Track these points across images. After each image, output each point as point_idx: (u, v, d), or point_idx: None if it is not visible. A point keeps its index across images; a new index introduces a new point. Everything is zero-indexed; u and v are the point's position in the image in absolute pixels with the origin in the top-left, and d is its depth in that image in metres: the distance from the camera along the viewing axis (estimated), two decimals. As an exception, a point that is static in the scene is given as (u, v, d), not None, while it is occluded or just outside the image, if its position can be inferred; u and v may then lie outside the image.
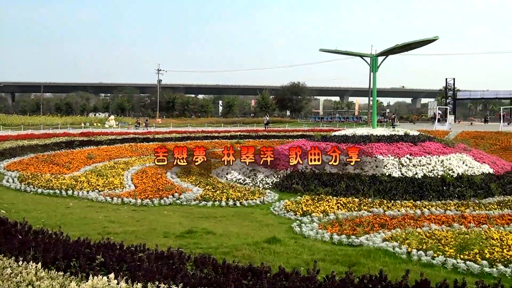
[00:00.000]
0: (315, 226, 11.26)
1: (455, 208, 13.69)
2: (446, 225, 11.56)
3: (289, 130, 43.37)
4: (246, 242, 9.04)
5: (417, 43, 23.39)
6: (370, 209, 13.35)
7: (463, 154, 18.94)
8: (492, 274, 7.78)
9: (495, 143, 33.65)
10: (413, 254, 8.77)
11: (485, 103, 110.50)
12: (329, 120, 76.19)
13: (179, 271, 4.89)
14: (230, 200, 14.69)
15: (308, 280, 4.77)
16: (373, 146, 19.07)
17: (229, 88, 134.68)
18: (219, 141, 36.45)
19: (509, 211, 13.37)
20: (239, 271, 5.04)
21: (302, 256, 8.12)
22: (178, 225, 10.96)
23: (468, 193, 15.68)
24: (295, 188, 16.69)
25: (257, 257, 7.60)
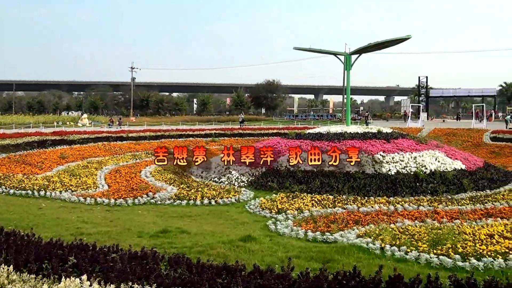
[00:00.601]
0: (290, 223, 11.32)
1: (428, 204, 13.91)
2: (419, 220, 11.72)
3: (264, 128, 43.44)
4: (221, 240, 9.02)
5: (390, 41, 23.65)
6: (345, 206, 13.47)
7: (435, 151, 19.24)
8: (465, 268, 7.91)
9: (467, 140, 34.31)
10: (386, 250, 8.87)
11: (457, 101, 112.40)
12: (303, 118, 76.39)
13: (153, 271, 4.86)
14: (205, 199, 14.63)
15: (282, 278, 4.79)
16: (346, 143, 19.22)
17: (204, 86, 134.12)
18: (193, 139, 36.36)
19: (481, 206, 13.62)
20: (214, 270, 5.04)
21: (277, 254, 8.15)
22: (152, 224, 10.88)
23: (440, 189, 15.92)
24: (271, 186, 16.74)
25: (232, 256, 7.59)
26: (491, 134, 35.01)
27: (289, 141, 20.89)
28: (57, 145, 27.50)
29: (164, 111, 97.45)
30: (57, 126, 46.44)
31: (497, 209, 13.24)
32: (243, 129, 42.22)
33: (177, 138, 35.95)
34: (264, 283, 4.64)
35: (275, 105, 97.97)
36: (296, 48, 26.01)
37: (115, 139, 32.53)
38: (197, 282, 4.55)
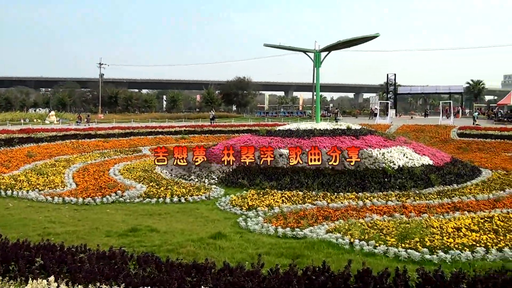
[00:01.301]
0: (260, 220, 11.35)
1: (396, 199, 14.13)
2: (387, 215, 11.91)
3: (235, 125, 43.40)
4: (191, 238, 9.00)
5: (359, 39, 23.92)
6: (314, 201, 13.57)
7: (403, 147, 19.52)
8: (433, 261, 8.09)
9: (434, 136, 34.98)
10: (355, 244, 9.00)
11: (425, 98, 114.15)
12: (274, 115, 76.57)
13: (121, 271, 4.82)
14: (175, 197, 14.53)
15: (252, 274, 4.80)
16: (316, 140, 19.37)
17: (173, 82, 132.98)
18: (163, 136, 36.10)
19: (448, 200, 13.92)
20: (183, 268, 5.02)
21: (247, 251, 8.17)
22: (121, 223, 10.78)
23: (408, 184, 16.15)
24: (241, 183, 16.73)
25: (202, 254, 7.58)
26: (458, 130, 35.75)
27: (260, 138, 20.91)
28: (24, 143, 26.86)
29: (133, 108, 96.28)
30: (24, 124, 45.33)
31: (464, 203, 13.56)
32: (213, 126, 42.08)
33: (146, 136, 35.60)
34: (234, 280, 4.64)
35: (246, 102, 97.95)
36: (266, 45, 26.06)
37: (83, 136, 31.99)
38: (166, 281, 4.52)
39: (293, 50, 26.73)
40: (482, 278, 4.90)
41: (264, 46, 26.32)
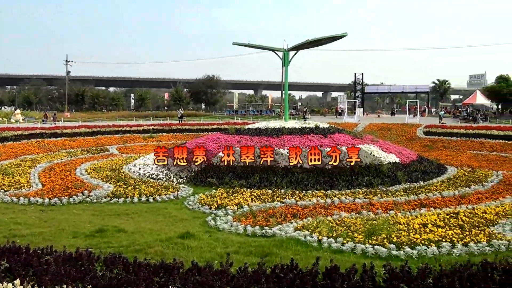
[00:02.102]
0: (230, 219, 11.36)
1: (364, 196, 14.35)
2: (355, 212, 12.10)
3: (203, 123, 43.19)
4: (159, 238, 8.93)
5: (327, 39, 24.13)
6: (283, 200, 13.65)
7: (370, 145, 19.77)
8: (400, 256, 8.25)
9: (401, 134, 35.56)
10: (323, 242, 9.09)
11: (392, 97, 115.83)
12: (243, 113, 76.44)
13: (88, 273, 4.74)
14: (142, 196, 14.39)
15: (221, 274, 4.79)
16: (285, 138, 19.47)
17: (141, 81, 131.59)
18: (131, 135, 35.71)
19: (415, 197, 14.24)
20: (151, 268, 4.97)
21: (216, 250, 8.16)
22: (88, 224, 10.62)
23: (376, 181, 16.40)
24: (210, 181, 16.69)
25: (170, 253, 7.53)
26: (424, 129, 36.44)
27: (229, 136, 20.89)
28: (-12, 143, 26.26)
29: (100, 106, 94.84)
30: (-12, 123, 44.25)
31: (430, 199, 13.88)
32: (182, 125, 41.76)
33: (114, 134, 35.16)
34: (202, 279, 4.62)
35: (215, 100, 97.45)
36: (235, 43, 26.00)
37: (50, 135, 31.42)
38: (133, 282, 4.47)
39: (261, 48, 26.72)
40: (448, 272, 5.00)
41: (233, 44, 26.27)
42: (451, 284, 4.66)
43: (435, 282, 4.73)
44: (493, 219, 11.27)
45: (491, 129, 33.02)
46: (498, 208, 12.42)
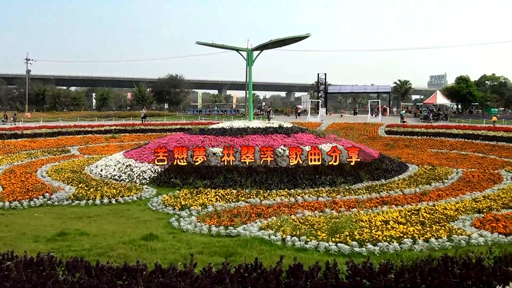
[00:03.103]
0: (194, 219, 11.31)
1: (327, 195, 14.52)
2: (318, 211, 12.25)
3: (167, 123, 42.80)
4: (122, 240, 8.83)
5: (291, 39, 24.28)
6: (248, 199, 13.68)
7: (333, 144, 19.97)
8: (362, 253, 8.42)
9: (363, 133, 36.13)
10: (287, 240, 9.17)
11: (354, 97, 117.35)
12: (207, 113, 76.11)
13: (50, 278, 4.66)
14: (105, 198, 14.16)
15: (185, 275, 4.78)
16: (249, 138, 19.51)
17: (103, 80, 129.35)
18: (92, 136, 35.10)
19: (377, 195, 14.51)
20: (114, 272, 4.93)
21: (180, 251, 8.12)
22: (49, 227, 10.41)
23: (338, 180, 16.62)
24: (174, 182, 16.55)
25: (133, 256, 7.45)
26: (386, 128, 37.13)
27: (193, 136, 20.78)
28: None
29: (62, 106, 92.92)
30: None
31: (392, 197, 14.17)
32: (145, 125, 41.29)
33: (75, 135, 34.47)
34: (166, 281, 4.60)
35: (179, 100, 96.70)
36: (198, 42, 25.85)
37: (9, 136, 30.61)
38: (96, 286, 4.43)
39: (225, 48, 26.65)
40: (409, 267, 5.13)
41: (196, 44, 26.12)
42: (412, 279, 4.77)
43: (396, 277, 4.84)
44: (453, 215, 11.60)
45: (451, 128, 33.92)
46: (458, 204, 12.81)
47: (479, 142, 29.43)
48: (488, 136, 29.97)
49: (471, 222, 10.96)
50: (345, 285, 4.70)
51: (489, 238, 9.54)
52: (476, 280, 4.82)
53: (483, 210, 12.25)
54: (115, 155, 21.28)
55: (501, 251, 6.28)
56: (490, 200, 13.53)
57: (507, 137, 28.72)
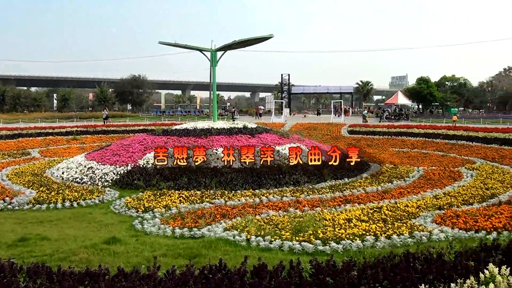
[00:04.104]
0: (157, 221, 11.20)
1: (291, 194, 14.62)
2: (283, 210, 12.32)
3: (130, 124, 42.28)
4: (84, 245, 8.70)
5: (254, 39, 24.37)
6: (212, 200, 13.65)
7: (297, 144, 20.15)
8: (326, 251, 8.53)
9: (326, 133, 36.51)
10: (252, 241, 9.21)
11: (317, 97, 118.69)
12: (171, 114, 75.67)
13: (11, 285, 4.55)
14: (66, 201, 13.85)
15: (148, 278, 4.74)
16: (213, 138, 19.48)
17: (65, 80, 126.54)
18: (53, 137, 34.31)
19: (340, 194, 14.70)
20: (76, 277, 4.86)
21: (143, 254, 8.05)
22: (10, 233, 10.13)
23: (302, 179, 16.75)
24: (137, 184, 16.34)
25: (96, 260, 7.36)
26: (348, 128, 37.64)
27: (156, 137, 20.63)
28: None
29: (22, 107, 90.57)
30: None
31: (355, 195, 14.38)
32: (107, 126, 40.61)
33: (36, 137, 33.61)
34: (129, 285, 4.56)
35: (141, 100, 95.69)
36: (161, 42, 25.65)
37: (-34, 139, 29.70)
38: (57, 291, 4.35)
39: (189, 48, 26.54)
40: (372, 264, 5.21)
41: (159, 43, 25.93)
42: (375, 275, 4.85)
43: (359, 274, 4.91)
44: (414, 212, 11.86)
45: (412, 128, 34.63)
46: (419, 202, 13.09)
47: (439, 141, 30.09)
48: (448, 135, 30.70)
49: (432, 219, 11.22)
50: (308, 283, 4.75)
51: (450, 234, 9.81)
52: (438, 275, 4.94)
53: (444, 206, 12.58)
54: (76, 157, 20.90)
55: (461, 246, 6.44)
56: (450, 197, 13.88)
57: (467, 136, 29.47)
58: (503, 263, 5.08)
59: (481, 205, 12.84)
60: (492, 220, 10.53)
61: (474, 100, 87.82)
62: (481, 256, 5.50)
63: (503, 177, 17.46)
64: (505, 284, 4.56)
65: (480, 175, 18.11)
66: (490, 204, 12.95)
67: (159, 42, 25.64)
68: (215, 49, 25.23)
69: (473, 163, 21.58)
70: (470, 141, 28.57)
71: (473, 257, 5.49)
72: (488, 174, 18.15)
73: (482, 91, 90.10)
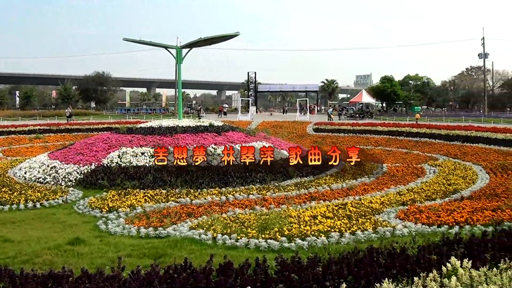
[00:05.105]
0: (122, 221, 11.09)
1: (257, 192, 14.68)
2: (249, 208, 12.37)
3: (93, 123, 41.63)
4: (47, 246, 8.57)
5: (220, 37, 24.36)
6: (178, 199, 13.58)
7: (263, 142, 20.25)
8: (291, 248, 8.62)
9: (292, 131, 36.78)
10: (218, 239, 9.23)
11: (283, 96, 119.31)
12: (136, 112, 74.73)
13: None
14: (29, 202, 13.52)
15: (112, 279, 4.72)
16: (179, 137, 19.37)
17: (27, 77, 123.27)
18: (16, 136, 33.57)
19: (305, 191, 14.85)
20: (39, 279, 4.82)
21: (107, 255, 7.99)
22: (-29, 236, 9.87)
23: (269, 177, 16.83)
24: (101, 183, 16.09)
25: (60, 261, 7.27)
26: (314, 126, 37.99)
27: (120, 136, 20.37)
28: None
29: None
30: None
31: (320, 192, 14.56)
32: (70, 124, 39.96)
33: (-3, 136, 32.85)
34: (93, 287, 4.53)
35: (106, 98, 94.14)
36: (125, 39, 25.36)
37: None
38: (20, 295, 4.28)
39: (153, 45, 26.36)
40: (336, 260, 5.31)
41: (123, 40, 25.62)
42: (339, 271, 4.95)
43: (324, 270, 5.00)
44: (378, 208, 12.11)
45: (377, 126, 35.21)
46: (383, 198, 13.36)
47: (403, 139, 30.69)
48: (411, 133, 31.34)
49: (396, 214, 11.47)
50: (274, 280, 4.81)
51: (413, 229, 10.04)
52: (401, 269, 5.07)
53: (407, 202, 12.87)
54: (39, 157, 20.46)
55: (424, 241, 6.61)
56: (413, 193, 14.21)
57: (430, 134, 30.16)
58: (465, 257, 5.25)
59: (443, 201, 13.20)
60: (454, 215, 10.82)
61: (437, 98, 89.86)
62: (444, 250, 5.66)
63: (465, 173, 17.92)
64: (467, 277, 4.72)
65: (442, 171, 18.55)
66: (453, 199, 13.33)
67: (123, 39, 25.36)
68: (181, 46, 25.14)
69: (435, 160, 22.11)
70: (433, 138, 29.24)
71: (436, 251, 5.66)
72: (450, 171, 18.60)
73: (445, 90, 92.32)
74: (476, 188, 15.11)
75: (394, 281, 4.76)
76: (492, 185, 15.32)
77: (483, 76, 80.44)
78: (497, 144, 25.29)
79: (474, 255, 5.49)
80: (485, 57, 74.93)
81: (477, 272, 4.85)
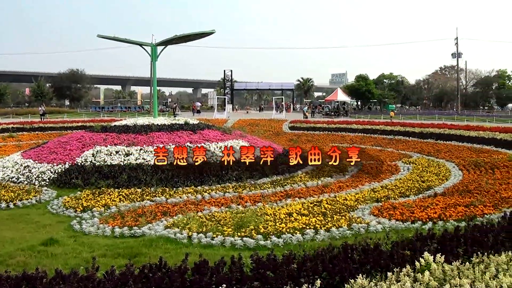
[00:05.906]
0: (96, 221, 10.99)
1: (233, 190, 14.70)
2: (225, 206, 12.38)
3: (67, 121, 41.10)
4: (21, 247, 8.46)
5: (196, 35, 24.22)
6: (153, 198, 13.51)
7: (239, 140, 20.27)
8: (267, 246, 8.70)
9: (268, 129, 36.94)
10: (193, 238, 9.24)
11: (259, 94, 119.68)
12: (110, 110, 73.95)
13: None
14: (2, 202, 13.26)
15: (87, 279, 4.71)
16: (154, 135, 19.24)
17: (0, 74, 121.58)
18: (-12, 135, 32.93)
19: (281, 189, 14.94)
20: (12, 281, 4.76)
21: (82, 255, 7.93)
22: None
23: (244, 175, 16.84)
24: (75, 183, 15.89)
25: (33, 263, 7.20)
26: (289, 124, 38.23)
27: (94, 134, 20.14)
28: None
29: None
30: None
31: (295, 190, 14.66)
32: (44, 123, 39.34)
33: (-31, 135, 32.16)
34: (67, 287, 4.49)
35: (80, 96, 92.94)
36: (100, 36, 25.07)
37: None
38: (-8, 297, 4.24)
39: (128, 42, 26.07)
40: (311, 256, 5.38)
41: (98, 37, 25.32)
42: (314, 267, 5.01)
43: (299, 266, 5.05)
44: (353, 205, 12.26)
45: (351, 124, 35.61)
46: (358, 195, 13.54)
47: (377, 136, 31.04)
48: (385, 131, 31.74)
49: (370, 211, 11.63)
50: (249, 278, 4.85)
51: (387, 225, 10.20)
52: (375, 264, 5.16)
53: (381, 199, 13.07)
54: (12, 156, 20.13)
55: (398, 237, 6.72)
56: (388, 189, 14.41)
57: (404, 131, 30.61)
58: (438, 252, 5.37)
59: (417, 197, 13.42)
60: (428, 211, 11.02)
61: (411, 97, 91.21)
62: (417, 246, 5.77)
63: (439, 170, 18.21)
64: (439, 271, 4.82)
65: (416, 168, 18.81)
66: (426, 196, 13.55)
67: (97, 36, 25.07)
68: (156, 43, 24.91)
69: (409, 157, 22.41)
70: (407, 136, 29.67)
71: (409, 247, 5.76)
72: (424, 168, 18.87)
73: (419, 89, 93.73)
74: (449, 184, 15.36)
75: (368, 277, 4.84)
76: (465, 181, 15.58)
77: (456, 75, 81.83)
78: (470, 141, 25.77)
79: (447, 250, 5.61)
80: (458, 57, 76.22)
81: (450, 266, 4.97)
